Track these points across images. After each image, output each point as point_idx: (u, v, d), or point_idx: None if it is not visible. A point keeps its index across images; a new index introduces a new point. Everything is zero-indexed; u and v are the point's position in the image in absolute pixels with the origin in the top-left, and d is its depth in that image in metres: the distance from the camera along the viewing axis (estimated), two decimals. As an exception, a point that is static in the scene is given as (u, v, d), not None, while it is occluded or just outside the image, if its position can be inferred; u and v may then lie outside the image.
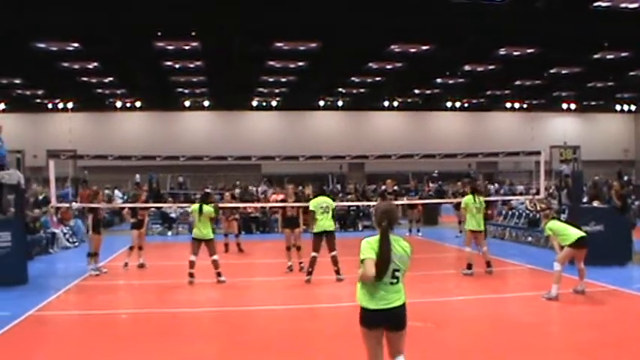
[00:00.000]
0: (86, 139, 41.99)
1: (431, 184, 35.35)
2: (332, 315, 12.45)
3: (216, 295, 14.37)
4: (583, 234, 12.92)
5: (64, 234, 23.37)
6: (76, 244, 23.87)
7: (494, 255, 19.72)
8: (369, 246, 6.28)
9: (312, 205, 15.57)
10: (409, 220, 27.53)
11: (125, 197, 34.46)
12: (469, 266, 16.01)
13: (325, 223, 15.37)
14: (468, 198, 16.45)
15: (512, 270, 18.03)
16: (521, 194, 32.48)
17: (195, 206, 15.86)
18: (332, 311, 12.85)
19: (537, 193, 21.75)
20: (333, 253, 15.41)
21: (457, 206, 22.99)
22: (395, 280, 6.27)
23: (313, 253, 15.31)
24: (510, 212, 26.80)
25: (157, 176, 38.13)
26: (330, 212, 15.53)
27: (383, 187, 28.37)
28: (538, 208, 23.35)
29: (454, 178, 38.58)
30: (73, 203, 23.41)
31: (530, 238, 22.94)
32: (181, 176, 41.24)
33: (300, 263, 16.84)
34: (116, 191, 35.85)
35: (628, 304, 12.65)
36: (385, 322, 6.32)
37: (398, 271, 6.28)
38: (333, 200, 16.60)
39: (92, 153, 29.02)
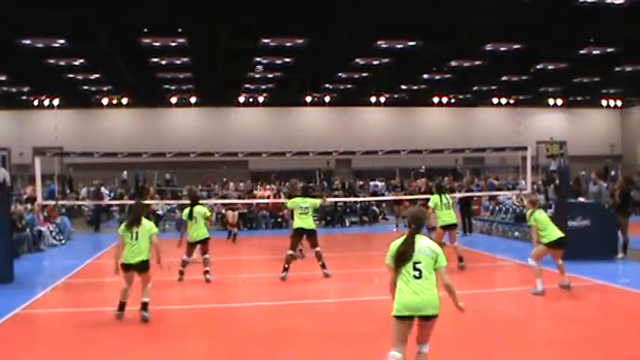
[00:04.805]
0: (72, 137, 41.80)
1: (418, 181, 35.35)
2: (319, 311, 12.45)
3: (204, 292, 14.33)
4: (561, 235, 12.95)
5: (51, 232, 23.25)
6: (63, 241, 23.79)
7: (482, 250, 19.82)
8: (390, 250, 7.24)
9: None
10: (396, 215, 27.57)
11: (112, 195, 34.37)
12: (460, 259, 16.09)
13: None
14: (436, 197, 16.56)
15: (500, 265, 18.12)
16: (508, 189, 32.55)
17: (185, 211, 15.52)
18: (320, 307, 12.84)
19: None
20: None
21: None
22: (417, 273, 7.02)
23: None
24: (497, 207, 26.90)
25: (144, 173, 38.01)
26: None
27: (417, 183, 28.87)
28: (525, 203, 23.44)
29: (441, 173, 38.70)
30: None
31: (517, 233, 22.99)
32: (168, 173, 41.13)
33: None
34: (102, 188, 35.70)
35: (614, 299, 12.70)
36: (412, 315, 7.01)
37: (419, 263, 7.04)
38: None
39: (79, 150, 28.87)
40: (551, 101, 49.72)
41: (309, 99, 47.13)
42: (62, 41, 27.81)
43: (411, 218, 7.49)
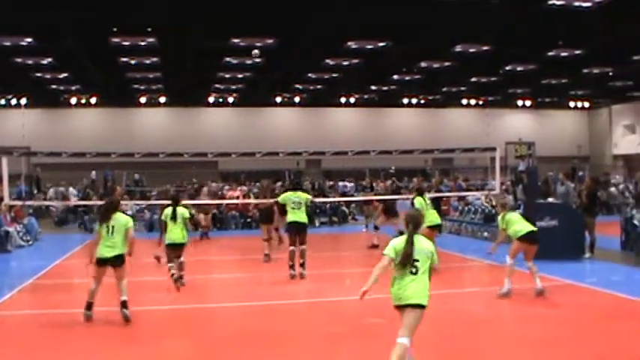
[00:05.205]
0: (40, 136, 41.35)
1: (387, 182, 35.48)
2: (290, 312, 12.43)
3: (174, 293, 14.24)
4: (534, 228, 13.06)
5: (18, 232, 23.01)
6: (30, 242, 23.55)
7: (452, 250, 19.93)
8: (392, 245, 7.68)
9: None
10: (365, 216, 27.61)
11: (80, 195, 34.13)
12: None
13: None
14: (420, 199, 16.69)
15: (469, 265, 18.23)
16: (477, 189, 32.75)
17: (168, 210, 14.81)
18: (290, 308, 12.81)
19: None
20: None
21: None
22: (414, 270, 7.53)
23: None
24: (467, 208, 27.03)
25: (113, 173, 37.80)
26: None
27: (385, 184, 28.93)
28: (494, 204, 23.59)
29: (410, 174, 38.87)
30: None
31: (486, 234, 23.12)
32: (137, 173, 40.89)
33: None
34: (70, 189, 35.44)
35: (582, 298, 12.84)
36: (402, 304, 7.54)
37: (417, 261, 7.54)
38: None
39: (46, 150, 28.56)
40: (519, 102, 50.13)
41: (279, 99, 47.08)
42: (30, 40, 27.52)
43: (408, 219, 7.87)
